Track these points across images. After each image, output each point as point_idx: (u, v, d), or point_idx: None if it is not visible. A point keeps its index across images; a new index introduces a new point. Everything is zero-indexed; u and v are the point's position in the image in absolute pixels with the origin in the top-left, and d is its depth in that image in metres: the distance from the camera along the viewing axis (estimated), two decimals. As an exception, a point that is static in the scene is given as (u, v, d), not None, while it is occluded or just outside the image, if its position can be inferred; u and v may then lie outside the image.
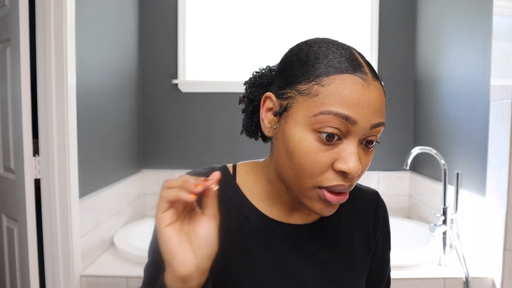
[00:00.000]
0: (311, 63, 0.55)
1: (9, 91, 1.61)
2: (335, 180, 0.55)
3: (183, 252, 0.51)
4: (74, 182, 1.63)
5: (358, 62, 0.55)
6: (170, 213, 0.51)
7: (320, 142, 0.54)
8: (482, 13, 1.75)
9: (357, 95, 0.52)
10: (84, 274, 1.66)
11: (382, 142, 2.51)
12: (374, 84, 0.54)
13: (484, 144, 1.70)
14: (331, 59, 0.55)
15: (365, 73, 0.54)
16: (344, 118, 0.52)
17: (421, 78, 2.44)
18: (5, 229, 1.74)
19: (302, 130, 0.54)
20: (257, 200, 0.66)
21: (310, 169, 0.54)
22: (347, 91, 0.52)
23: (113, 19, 2.10)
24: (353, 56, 0.55)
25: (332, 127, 0.53)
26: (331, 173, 0.55)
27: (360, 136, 0.54)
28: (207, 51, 2.51)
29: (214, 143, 2.50)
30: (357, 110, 0.52)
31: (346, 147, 0.54)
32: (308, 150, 0.54)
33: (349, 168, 0.53)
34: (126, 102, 2.28)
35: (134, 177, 2.35)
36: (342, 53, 0.55)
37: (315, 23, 2.50)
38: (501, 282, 1.55)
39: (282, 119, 0.57)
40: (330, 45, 0.57)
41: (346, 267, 0.67)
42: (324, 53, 0.56)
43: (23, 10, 1.49)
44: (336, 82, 0.53)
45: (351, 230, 0.70)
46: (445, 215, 1.78)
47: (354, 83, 0.53)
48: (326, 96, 0.53)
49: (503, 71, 1.56)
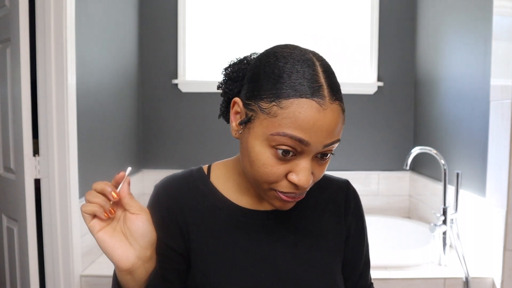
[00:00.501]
0: (274, 81, 0.59)
1: (9, 91, 1.61)
2: (288, 188, 0.61)
3: (120, 249, 0.61)
4: (74, 182, 1.63)
5: (318, 85, 0.58)
6: (96, 221, 0.61)
7: (275, 157, 0.60)
8: (482, 13, 1.75)
9: (312, 120, 0.57)
10: (84, 274, 1.66)
11: (382, 142, 2.52)
12: (330, 108, 0.58)
13: (484, 144, 1.70)
14: (293, 80, 0.58)
15: (322, 96, 0.57)
16: (298, 140, 0.57)
17: (421, 78, 2.44)
18: (5, 229, 1.74)
19: (261, 144, 0.60)
20: (229, 192, 0.72)
21: (266, 177, 0.61)
22: (302, 115, 0.57)
23: (113, 19, 2.10)
24: (314, 77, 0.58)
25: (287, 146, 0.58)
26: (284, 182, 0.61)
27: (313, 153, 0.60)
28: (207, 51, 2.51)
29: (214, 143, 2.50)
30: (311, 134, 0.57)
31: (299, 162, 0.60)
32: (265, 162, 0.60)
33: (299, 181, 0.60)
34: (126, 102, 2.28)
35: (134, 177, 2.35)
36: (305, 73, 0.58)
37: (315, 23, 2.50)
38: (501, 282, 1.55)
39: (246, 129, 0.63)
40: (295, 62, 0.59)
41: (317, 247, 0.72)
42: (288, 71, 0.59)
43: (23, 10, 1.49)
44: (294, 106, 0.57)
45: (320, 215, 0.75)
46: (445, 215, 1.78)
47: (310, 108, 0.57)
48: (283, 118, 0.57)
49: (503, 71, 1.57)
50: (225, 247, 0.69)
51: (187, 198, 0.72)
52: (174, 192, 0.72)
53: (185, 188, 0.73)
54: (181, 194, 0.72)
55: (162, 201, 0.72)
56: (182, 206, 0.71)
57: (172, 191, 0.72)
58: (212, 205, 0.71)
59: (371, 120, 2.52)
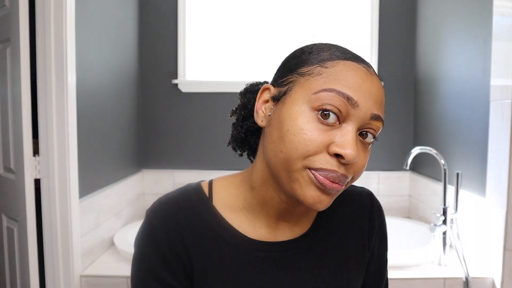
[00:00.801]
0: (315, 53, 0.55)
1: (9, 91, 1.61)
2: (329, 164, 0.51)
3: None
4: (74, 182, 1.63)
5: (360, 58, 0.56)
6: None
7: (317, 121, 0.51)
8: (482, 13, 1.75)
9: (360, 80, 0.52)
10: (84, 274, 1.66)
11: (382, 142, 2.51)
12: (376, 77, 0.55)
13: (484, 144, 1.70)
14: (334, 51, 0.55)
15: (368, 65, 0.55)
16: (346, 98, 0.50)
17: (421, 78, 2.44)
18: (5, 229, 1.74)
19: (301, 108, 0.52)
20: (238, 218, 0.61)
21: (304, 147, 0.50)
22: (351, 73, 0.52)
23: (113, 19, 2.10)
24: (355, 54, 0.57)
25: (333, 106, 0.50)
26: (325, 155, 0.51)
27: (360, 123, 0.52)
28: (207, 51, 2.51)
29: (214, 143, 2.50)
30: (360, 93, 0.51)
31: (344, 132, 0.51)
32: (304, 127, 0.51)
33: (345, 153, 0.50)
34: (126, 102, 2.28)
35: (134, 177, 2.35)
36: (343, 49, 0.56)
37: (315, 23, 2.50)
38: (501, 282, 1.55)
39: (280, 103, 0.55)
40: (331, 45, 0.58)
41: (337, 279, 0.64)
42: (326, 46, 0.57)
43: (23, 10, 1.49)
44: (340, 65, 0.53)
45: (343, 240, 0.66)
46: (445, 215, 1.78)
47: (357, 69, 0.53)
48: (329, 75, 0.52)
49: (503, 71, 1.56)
50: (231, 285, 0.59)
51: (187, 227, 0.60)
52: (172, 220, 0.60)
53: (183, 214, 0.60)
54: (180, 223, 0.60)
55: (159, 233, 0.59)
56: (182, 237, 0.59)
57: (170, 219, 0.60)
58: (217, 237, 0.60)
59: (371, 120, 2.52)
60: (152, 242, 0.59)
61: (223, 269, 0.59)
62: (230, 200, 0.62)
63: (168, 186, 2.47)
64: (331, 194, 0.53)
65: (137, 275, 0.61)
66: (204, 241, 0.59)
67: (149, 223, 0.61)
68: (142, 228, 0.62)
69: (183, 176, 2.47)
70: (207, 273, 0.59)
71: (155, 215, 0.61)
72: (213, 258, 0.59)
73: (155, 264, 0.59)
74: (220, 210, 0.62)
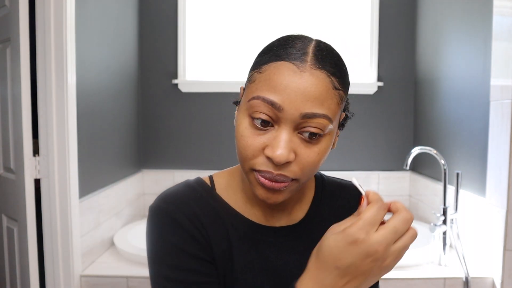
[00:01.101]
0: (261, 55, 0.58)
1: (9, 91, 1.61)
2: (264, 166, 0.54)
3: None
4: (74, 182, 1.63)
5: (303, 52, 0.54)
6: None
7: (252, 127, 0.55)
8: (482, 13, 1.75)
9: (285, 81, 0.52)
10: (84, 274, 1.66)
11: (382, 142, 2.51)
12: (310, 72, 0.52)
13: (484, 144, 1.70)
14: (279, 49, 0.55)
15: (302, 60, 0.53)
16: (270, 103, 0.52)
17: (421, 78, 2.44)
18: (5, 229, 1.74)
19: (242, 114, 0.56)
20: (240, 205, 0.65)
21: (244, 151, 0.55)
22: (276, 76, 0.53)
23: (113, 19, 2.10)
24: (304, 47, 0.54)
25: (261, 113, 0.53)
26: (262, 158, 0.55)
27: (291, 123, 0.53)
28: (207, 51, 2.51)
29: (214, 143, 2.50)
30: (283, 96, 0.52)
31: (276, 134, 0.53)
32: (243, 134, 0.55)
33: (274, 155, 0.52)
34: (126, 102, 2.28)
35: (134, 177, 2.35)
36: (294, 44, 0.55)
37: (315, 23, 2.50)
38: (501, 282, 1.55)
39: (238, 108, 0.60)
40: (290, 38, 0.57)
41: None
42: (277, 44, 0.57)
43: (23, 10, 1.49)
44: (271, 68, 0.54)
45: None
46: (445, 215, 1.78)
47: (285, 70, 0.53)
48: (260, 81, 0.54)
49: (503, 71, 1.56)
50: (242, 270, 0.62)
51: (201, 214, 0.62)
52: (187, 207, 0.62)
53: (193, 203, 0.63)
54: (195, 211, 0.62)
55: (179, 218, 0.60)
56: (201, 221, 0.61)
57: (185, 206, 0.62)
58: (225, 223, 0.63)
59: (371, 120, 2.52)
60: (176, 226, 0.60)
61: (232, 253, 0.62)
62: (231, 190, 0.66)
63: (168, 186, 2.45)
64: (278, 191, 0.56)
65: (168, 268, 0.59)
66: (216, 227, 0.62)
67: (164, 213, 0.61)
68: (156, 222, 0.61)
69: (183, 176, 2.47)
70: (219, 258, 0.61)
71: (169, 204, 0.61)
72: (223, 244, 0.62)
73: (185, 245, 0.59)
74: (224, 198, 0.65)
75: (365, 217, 0.48)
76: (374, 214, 0.48)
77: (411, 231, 0.49)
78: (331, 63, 0.55)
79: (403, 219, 0.48)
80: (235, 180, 0.66)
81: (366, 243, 0.47)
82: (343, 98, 0.56)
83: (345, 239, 0.48)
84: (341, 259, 0.48)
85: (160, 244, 0.60)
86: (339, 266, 0.48)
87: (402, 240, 0.48)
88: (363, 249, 0.47)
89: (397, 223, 0.48)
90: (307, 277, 0.51)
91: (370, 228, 0.47)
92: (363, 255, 0.47)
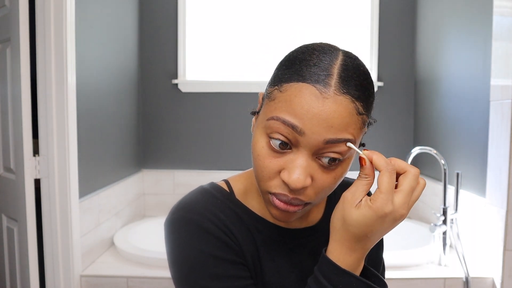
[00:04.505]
0: (285, 67, 0.54)
1: (9, 91, 1.61)
2: (279, 188, 0.54)
3: None
4: (74, 182, 1.63)
5: (327, 73, 0.51)
6: None
7: (269, 148, 0.53)
8: (482, 13, 1.75)
9: (307, 105, 0.50)
10: (84, 274, 1.66)
11: (382, 142, 2.51)
12: (334, 98, 0.50)
13: (484, 144, 1.70)
14: (303, 66, 0.52)
15: (326, 84, 0.50)
16: (291, 126, 0.51)
17: (421, 78, 2.44)
18: (5, 229, 1.74)
19: (260, 132, 0.55)
20: (260, 209, 0.64)
21: (260, 172, 0.54)
22: (297, 99, 0.50)
23: (113, 19, 2.10)
24: (327, 67, 0.52)
25: (280, 134, 0.52)
26: (277, 180, 0.54)
27: (312, 149, 0.52)
28: (207, 51, 2.51)
29: (214, 143, 2.50)
30: (305, 120, 0.50)
31: (294, 158, 0.52)
32: (260, 153, 0.54)
33: (289, 180, 0.51)
34: (126, 102, 2.28)
35: (134, 177, 2.35)
36: (319, 61, 0.52)
37: (315, 24, 2.50)
38: (501, 282, 1.55)
39: (256, 120, 0.58)
40: (315, 51, 0.53)
41: None
42: (301, 58, 0.53)
43: (23, 10, 1.48)
44: (292, 89, 0.51)
45: None
46: (445, 215, 1.78)
47: (308, 93, 0.50)
48: (280, 101, 0.52)
49: (503, 71, 1.56)
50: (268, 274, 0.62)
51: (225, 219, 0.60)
52: (210, 214, 0.59)
53: (214, 209, 0.60)
54: (218, 216, 0.60)
55: (205, 224, 0.58)
56: (226, 226, 0.60)
57: (207, 213, 0.59)
58: (249, 228, 0.62)
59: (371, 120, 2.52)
60: (205, 235, 0.57)
61: (258, 258, 0.62)
62: (250, 195, 0.65)
63: (168, 186, 2.47)
64: (292, 212, 0.55)
65: (209, 278, 0.57)
66: (242, 232, 0.61)
67: (190, 223, 0.58)
68: (182, 234, 0.58)
69: (183, 176, 2.47)
70: (254, 260, 0.61)
71: (192, 214, 0.59)
72: (249, 249, 0.61)
73: (220, 252, 0.57)
74: (244, 203, 0.64)
75: (384, 189, 0.51)
76: (390, 182, 0.51)
77: (421, 183, 0.53)
78: (357, 85, 0.52)
79: (413, 177, 0.52)
80: (253, 185, 0.65)
81: (394, 212, 0.51)
82: (366, 121, 0.55)
83: (376, 214, 0.51)
84: (372, 230, 0.52)
85: (193, 256, 0.57)
86: (369, 235, 0.52)
87: (416, 192, 0.53)
88: (392, 217, 0.51)
89: (412, 183, 0.52)
90: (334, 245, 0.54)
91: (392, 196, 0.51)
92: (391, 221, 0.52)
